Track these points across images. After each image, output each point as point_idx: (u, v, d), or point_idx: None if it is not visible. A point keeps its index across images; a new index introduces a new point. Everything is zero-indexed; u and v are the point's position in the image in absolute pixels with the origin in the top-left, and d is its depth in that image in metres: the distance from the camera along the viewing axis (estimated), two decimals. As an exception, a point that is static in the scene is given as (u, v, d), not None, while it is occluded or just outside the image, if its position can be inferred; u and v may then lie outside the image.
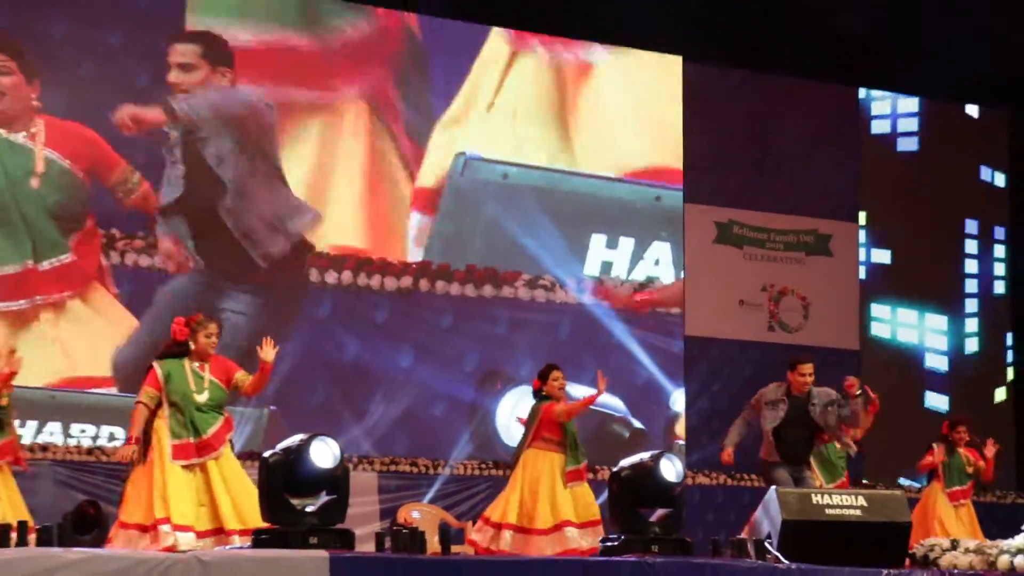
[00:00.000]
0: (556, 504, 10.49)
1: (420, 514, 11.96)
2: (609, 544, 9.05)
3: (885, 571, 8.71)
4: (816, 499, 9.32)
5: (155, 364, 8.84)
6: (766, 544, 8.90)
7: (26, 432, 12.20)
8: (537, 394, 10.87)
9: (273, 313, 13.85)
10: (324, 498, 8.06)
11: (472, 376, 14.86)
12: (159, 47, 13.78)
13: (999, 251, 18.09)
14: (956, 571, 8.92)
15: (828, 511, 9.21)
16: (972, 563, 9.01)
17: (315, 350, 14.04)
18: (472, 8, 15.17)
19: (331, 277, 14.23)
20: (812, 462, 11.26)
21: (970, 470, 12.87)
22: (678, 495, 9.27)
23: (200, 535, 8.43)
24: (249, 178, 13.98)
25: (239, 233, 13.81)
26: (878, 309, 17.18)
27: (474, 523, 11.37)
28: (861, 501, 9.36)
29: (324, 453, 7.97)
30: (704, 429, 15.69)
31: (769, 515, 9.24)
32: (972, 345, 17.72)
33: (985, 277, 17.97)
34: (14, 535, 7.74)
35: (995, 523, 12.79)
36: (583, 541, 10.26)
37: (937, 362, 17.50)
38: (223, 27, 14.11)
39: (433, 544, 8.95)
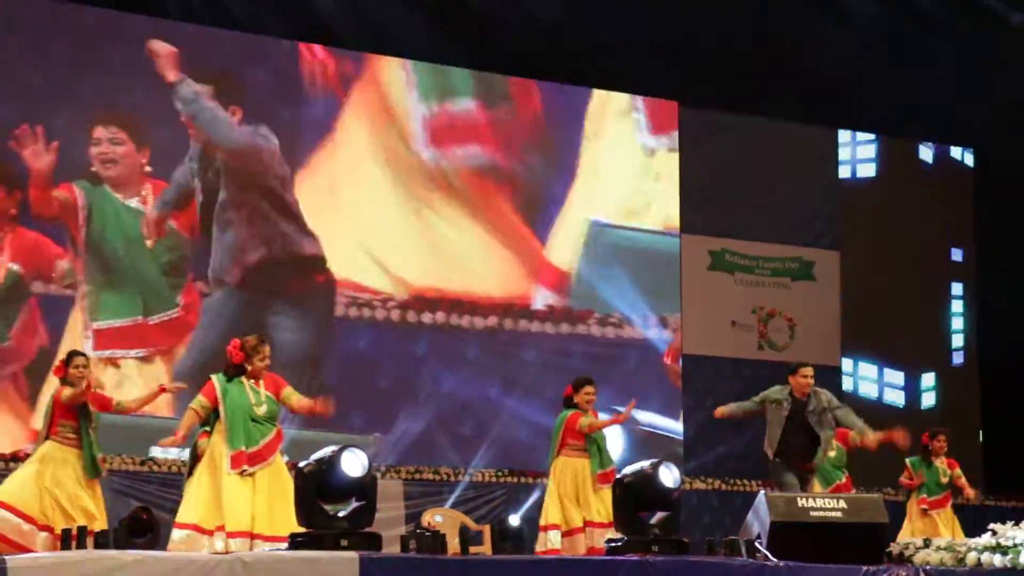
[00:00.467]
0: (584, 505, 10.56)
1: (442, 518, 11.90)
2: (613, 545, 9.05)
3: (864, 567, 8.69)
4: (801, 502, 9.30)
5: (213, 378, 8.84)
6: (756, 544, 8.90)
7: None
8: (567, 401, 10.90)
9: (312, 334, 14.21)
10: (354, 504, 8.08)
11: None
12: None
13: (956, 306, 18.04)
14: (929, 567, 8.86)
15: (812, 513, 9.18)
16: (943, 559, 8.93)
17: (414, 383, 14.46)
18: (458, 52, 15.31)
19: (427, 318, 14.67)
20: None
21: (944, 480, 12.76)
22: (676, 499, 9.23)
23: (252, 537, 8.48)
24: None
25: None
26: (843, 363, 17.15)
27: (492, 525, 11.40)
28: (842, 504, 9.35)
29: (353, 463, 7.96)
30: (700, 439, 15.69)
31: (759, 517, 9.20)
32: (929, 399, 17.62)
33: (944, 334, 17.93)
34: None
35: (965, 524, 12.70)
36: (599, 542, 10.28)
37: (896, 414, 17.01)
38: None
39: (453, 545, 8.97)
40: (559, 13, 15.08)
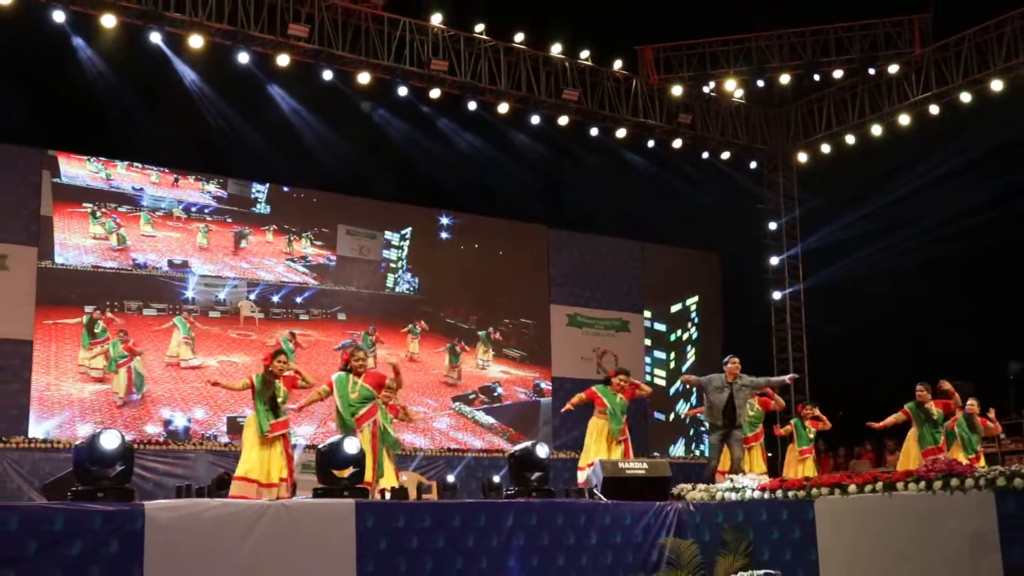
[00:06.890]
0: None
1: (407, 477, 11.64)
2: (508, 493, 8.90)
3: (657, 503, 8.63)
4: (621, 464, 9.14)
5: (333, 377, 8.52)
6: (595, 491, 8.81)
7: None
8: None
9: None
10: (352, 470, 7.83)
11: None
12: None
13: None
14: (695, 502, 8.76)
15: (627, 471, 9.02)
16: (703, 497, 8.78)
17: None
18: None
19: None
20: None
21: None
22: (547, 465, 9.03)
23: None
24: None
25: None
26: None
27: (437, 482, 11.10)
28: (644, 465, 9.21)
29: (352, 446, 7.78)
30: (562, 427, 15.84)
31: (596, 474, 9.06)
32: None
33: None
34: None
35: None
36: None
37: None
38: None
39: (413, 494, 8.88)
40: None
